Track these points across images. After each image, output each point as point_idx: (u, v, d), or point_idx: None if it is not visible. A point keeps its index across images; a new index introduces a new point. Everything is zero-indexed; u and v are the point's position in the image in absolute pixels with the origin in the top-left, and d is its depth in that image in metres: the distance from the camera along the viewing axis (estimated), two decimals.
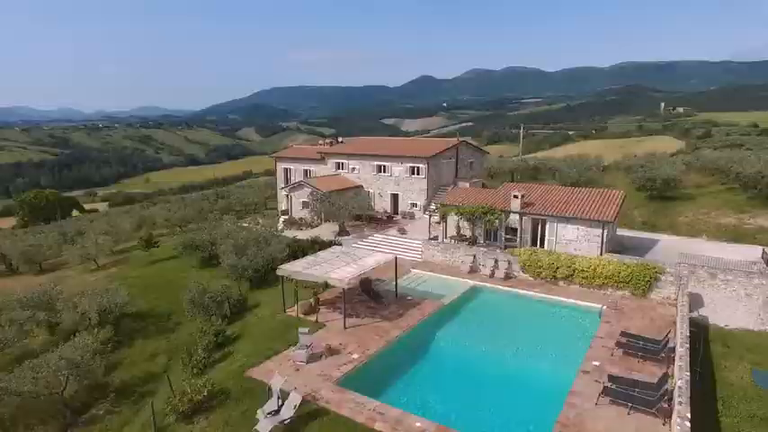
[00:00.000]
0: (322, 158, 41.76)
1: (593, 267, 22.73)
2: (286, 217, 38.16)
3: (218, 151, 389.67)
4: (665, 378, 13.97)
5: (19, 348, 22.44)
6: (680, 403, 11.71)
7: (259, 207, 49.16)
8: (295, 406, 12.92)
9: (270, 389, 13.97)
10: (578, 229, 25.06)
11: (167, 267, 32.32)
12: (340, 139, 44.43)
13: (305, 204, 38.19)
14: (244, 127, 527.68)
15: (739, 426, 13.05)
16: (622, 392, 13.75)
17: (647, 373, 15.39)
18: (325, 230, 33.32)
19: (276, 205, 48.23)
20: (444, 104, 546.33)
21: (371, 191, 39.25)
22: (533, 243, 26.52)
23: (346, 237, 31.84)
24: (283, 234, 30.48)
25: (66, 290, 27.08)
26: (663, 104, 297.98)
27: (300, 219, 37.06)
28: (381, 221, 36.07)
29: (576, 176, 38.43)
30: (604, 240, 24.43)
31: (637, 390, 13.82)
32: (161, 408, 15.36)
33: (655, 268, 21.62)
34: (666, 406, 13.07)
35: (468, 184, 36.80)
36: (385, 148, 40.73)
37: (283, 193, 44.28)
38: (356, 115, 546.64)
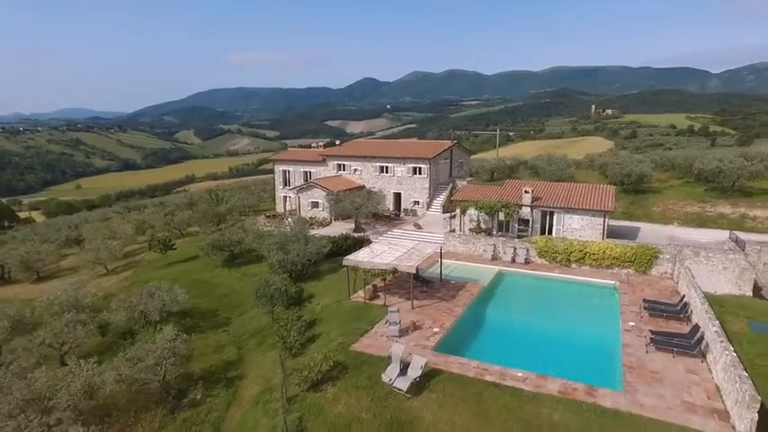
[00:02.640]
0: (323, 160, 43.67)
1: (602, 250, 26.69)
2: (295, 217, 39.75)
3: (156, 155, 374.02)
4: (695, 329, 17.79)
5: (76, 349, 22.99)
6: (721, 341, 15.39)
7: (249, 210, 50.01)
8: (421, 367, 15.38)
9: (390, 356, 16.32)
10: (582, 218, 29.00)
11: (190, 268, 33.05)
12: (337, 142, 46.49)
13: (314, 204, 40.06)
14: (181, 129, 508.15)
15: (754, 360, 16.94)
16: (665, 341, 17.40)
17: (675, 328, 19.23)
18: (340, 228, 35.43)
19: (264, 206, 49.42)
20: (388, 106, 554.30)
21: (374, 190, 41.65)
22: (542, 232, 30.21)
23: (363, 233, 34.12)
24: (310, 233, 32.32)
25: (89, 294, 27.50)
26: (594, 107, 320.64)
27: (311, 218, 38.88)
28: (390, 219, 38.62)
29: (559, 173, 42.96)
30: (605, 227, 28.54)
31: (676, 339, 17.53)
32: (275, 384, 17.34)
33: (654, 249, 25.87)
34: (700, 349, 16.84)
35: (465, 182, 40.26)
36: (387, 150, 43.30)
37: (282, 194, 45.73)
38: (299, 117, 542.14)
